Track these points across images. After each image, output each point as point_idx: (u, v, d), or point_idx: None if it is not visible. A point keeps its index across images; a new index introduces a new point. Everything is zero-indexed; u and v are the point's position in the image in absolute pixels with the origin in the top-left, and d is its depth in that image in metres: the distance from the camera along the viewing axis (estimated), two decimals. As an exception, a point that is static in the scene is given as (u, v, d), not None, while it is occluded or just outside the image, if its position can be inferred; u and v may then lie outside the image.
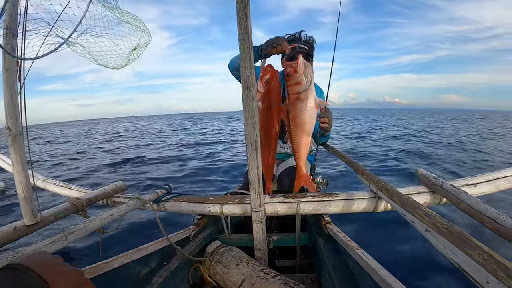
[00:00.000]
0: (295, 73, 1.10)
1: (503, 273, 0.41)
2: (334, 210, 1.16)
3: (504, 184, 1.16)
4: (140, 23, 1.17)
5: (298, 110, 1.15)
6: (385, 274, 0.77)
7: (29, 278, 0.36)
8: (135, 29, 1.17)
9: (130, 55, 1.20)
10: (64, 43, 0.90)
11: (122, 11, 1.10)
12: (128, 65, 1.23)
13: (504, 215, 0.79)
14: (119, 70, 1.23)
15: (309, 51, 1.50)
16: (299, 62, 1.11)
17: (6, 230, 0.86)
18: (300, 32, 1.49)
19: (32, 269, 0.36)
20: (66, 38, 0.92)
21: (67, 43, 0.92)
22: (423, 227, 0.66)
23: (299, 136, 1.19)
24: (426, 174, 1.26)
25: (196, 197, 1.31)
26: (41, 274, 0.36)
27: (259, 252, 1.16)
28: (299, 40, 1.48)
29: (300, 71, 1.10)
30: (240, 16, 0.85)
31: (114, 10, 1.07)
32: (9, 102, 0.82)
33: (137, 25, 1.17)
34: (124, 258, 0.95)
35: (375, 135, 11.34)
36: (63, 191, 1.48)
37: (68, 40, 0.92)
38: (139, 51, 1.22)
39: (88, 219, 0.98)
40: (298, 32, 1.50)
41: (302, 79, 1.11)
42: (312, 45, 1.52)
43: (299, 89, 1.12)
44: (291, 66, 1.12)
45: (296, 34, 1.50)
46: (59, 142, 13.38)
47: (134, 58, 1.23)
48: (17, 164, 0.86)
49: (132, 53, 1.20)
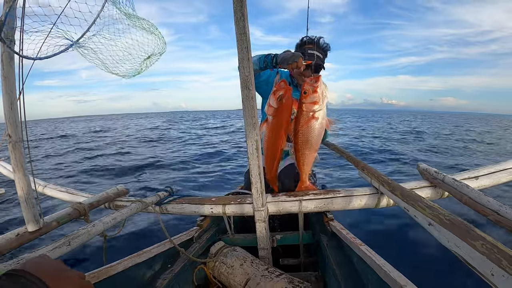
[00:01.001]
0: (315, 93, 1.09)
1: (507, 262, 0.41)
2: (336, 207, 1.16)
3: (505, 176, 1.16)
4: (155, 30, 1.14)
5: (310, 128, 1.14)
6: (390, 270, 0.77)
7: (30, 284, 0.35)
8: (150, 36, 1.13)
9: (143, 64, 1.16)
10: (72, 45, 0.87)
11: (138, 17, 1.06)
12: (140, 73, 1.19)
13: (506, 207, 0.79)
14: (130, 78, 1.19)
15: (323, 60, 1.48)
16: (320, 83, 1.10)
17: (9, 237, 0.86)
18: (320, 38, 1.46)
19: (34, 274, 0.36)
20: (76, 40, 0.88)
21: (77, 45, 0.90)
22: (426, 221, 0.66)
23: (307, 152, 1.20)
24: (428, 168, 1.26)
25: (198, 198, 1.31)
26: (43, 280, 0.36)
27: (263, 251, 1.16)
28: (318, 46, 1.45)
29: (320, 91, 1.10)
30: (237, 15, 0.86)
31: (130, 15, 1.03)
32: (8, 109, 0.82)
33: (153, 32, 1.13)
34: (128, 261, 0.95)
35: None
36: (65, 196, 1.48)
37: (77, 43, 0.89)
38: (152, 59, 1.19)
39: (91, 223, 0.98)
40: (318, 37, 1.47)
41: (320, 99, 1.10)
42: (326, 54, 1.50)
43: (314, 108, 1.11)
44: (311, 85, 1.10)
45: (315, 38, 1.47)
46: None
47: (146, 67, 1.19)
48: (18, 170, 0.86)
49: (145, 62, 1.16)
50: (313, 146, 1.18)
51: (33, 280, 0.36)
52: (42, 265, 0.41)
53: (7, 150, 0.86)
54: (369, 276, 0.87)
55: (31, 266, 0.38)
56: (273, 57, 1.24)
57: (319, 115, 1.13)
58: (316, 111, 1.11)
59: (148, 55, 1.16)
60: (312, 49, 1.41)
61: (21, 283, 0.35)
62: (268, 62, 1.26)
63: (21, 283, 0.35)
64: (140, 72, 1.20)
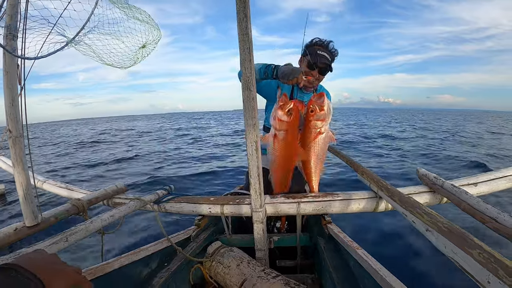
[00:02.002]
0: (322, 111, 1.16)
1: (504, 272, 0.41)
2: (334, 210, 1.16)
3: (504, 183, 1.16)
4: (149, 18, 1.13)
5: (317, 143, 1.24)
6: (386, 274, 0.77)
7: (23, 278, 0.35)
8: (144, 25, 1.13)
9: (138, 53, 1.15)
10: (69, 43, 0.87)
11: (130, 6, 1.06)
12: (137, 63, 1.19)
13: (504, 214, 0.79)
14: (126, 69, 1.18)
15: (331, 64, 1.47)
16: (325, 100, 1.16)
17: (7, 232, 0.86)
18: (329, 42, 1.45)
19: (27, 268, 0.36)
20: (72, 38, 0.88)
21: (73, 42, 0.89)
22: (424, 227, 0.66)
23: (316, 165, 1.29)
24: (427, 173, 1.26)
25: (197, 198, 1.31)
26: (36, 274, 0.36)
27: (260, 252, 1.16)
28: (327, 48, 1.44)
29: (326, 110, 1.16)
30: (240, 16, 0.86)
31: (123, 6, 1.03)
32: (9, 104, 0.82)
33: (146, 21, 1.12)
34: (125, 259, 0.95)
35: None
36: (64, 192, 1.48)
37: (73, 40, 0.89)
38: (148, 48, 1.18)
39: (89, 220, 0.98)
40: (328, 41, 1.46)
41: (326, 116, 1.17)
42: (334, 59, 1.49)
43: (320, 125, 1.19)
44: (318, 104, 1.16)
45: (325, 41, 1.46)
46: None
47: (143, 56, 1.19)
48: (17, 165, 0.86)
49: (140, 50, 1.16)
50: (321, 159, 1.28)
51: (25, 274, 0.35)
52: (35, 259, 0.40)
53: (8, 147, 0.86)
54: (365, 280, 0.87)
55: (24, 261, 0.38)
56: (274, 69, 1.26)
57: (325, 130, 1.21)
58: (322, 127, 1.20)
59: (143, 44, 1.16)
60: (321, 50, 1.42)
61: (12, 276, 0.35)
62: (269, 73, 1.28)
63: (12, 277, 0.35)
64: (137, 61, 1.19)
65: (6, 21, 0.79)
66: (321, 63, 1.38)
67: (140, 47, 1.16)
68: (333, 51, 1.45)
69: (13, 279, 0.34)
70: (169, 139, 11.86)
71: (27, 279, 0.35)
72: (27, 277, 0.35)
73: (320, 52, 1.40)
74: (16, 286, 0.34)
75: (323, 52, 1.40)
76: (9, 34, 0.79)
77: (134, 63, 1.18)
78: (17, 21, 0.80)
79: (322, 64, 1.39)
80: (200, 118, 41.08)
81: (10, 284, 0.34)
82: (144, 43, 1.16)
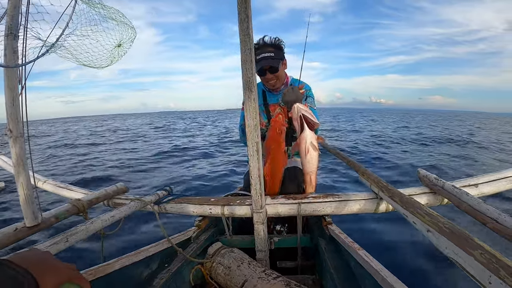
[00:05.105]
0: (282, 126, 1.31)
1: (506, 272, 0.41)
2: (335, 211, 1.16)
3: (505, 184, 1.16)
4: (123, 18, 1.12)
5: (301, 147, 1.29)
6: (387, 275, 0.77)
7: (15, 273, 0.34)
8: (119, 25, 1.12)
9: (114, 52, 1.15)
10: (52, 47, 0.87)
11: (105, 6, 1.05)
12: (114, 63, 1.19)
13: (505, 215, 0.79)
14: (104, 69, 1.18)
15: (276, 56, 1.44)
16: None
17: (7, 232, 0.86)
18: (264, 38, 1.44)
19: (18, 264, 0.35)
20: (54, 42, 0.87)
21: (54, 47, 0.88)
22: (425, 228, 0.65)
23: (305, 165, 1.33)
24: (428, 174, 1.26)
25: (197, 199, 1.30)
26: (28, 269, 0.35)
27: (261, 253, 1.16)
28: (264, 47, 1.43)
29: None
30: (241, 16, 0.86)
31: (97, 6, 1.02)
32: (10, 104, 0.82)
33: (122, 20, 1.12)
34: (125, 260, 0.95)
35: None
36: (64, 192, 1.48)
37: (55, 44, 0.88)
38: (124, 47, 1.18)
39: (89, 220, 0.98)
40: (261, 38, 1.44)
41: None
42: (280, 47, 1.46)
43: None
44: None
45: (260, 41, 1.44)
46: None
47: (119, 56, 1.18)
48: (18, 165, 0.86)
49: (116, 50, 1.15)
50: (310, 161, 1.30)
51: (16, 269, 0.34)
52: (27, 256, 0.40)
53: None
54: (366, 281, 0.87)
55: (16, 257, 0.37)
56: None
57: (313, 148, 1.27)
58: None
59: (118, 43, 1.15)
60: (262, 51, 1.42)
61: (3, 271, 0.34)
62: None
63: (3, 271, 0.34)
64: (114, 61, 1.19)
65: (7, 21, 0.80)
66: (265, 66, 1.42)
67: (115, 46, 1.16)
68: (273, 43, 1.45)
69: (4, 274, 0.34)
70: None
71: (19, 274, 0.34)
72: (19, 272, 0.34)
73: (261, 55, 1.42)
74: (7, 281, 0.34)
75: (264, 52, 1.42)
76: (10, 34, 0.79)
77: (111, 62, 1.19)
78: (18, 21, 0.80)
79: (266, 66, 1.42)
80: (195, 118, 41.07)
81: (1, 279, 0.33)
82: (119, 41, 1.16)
